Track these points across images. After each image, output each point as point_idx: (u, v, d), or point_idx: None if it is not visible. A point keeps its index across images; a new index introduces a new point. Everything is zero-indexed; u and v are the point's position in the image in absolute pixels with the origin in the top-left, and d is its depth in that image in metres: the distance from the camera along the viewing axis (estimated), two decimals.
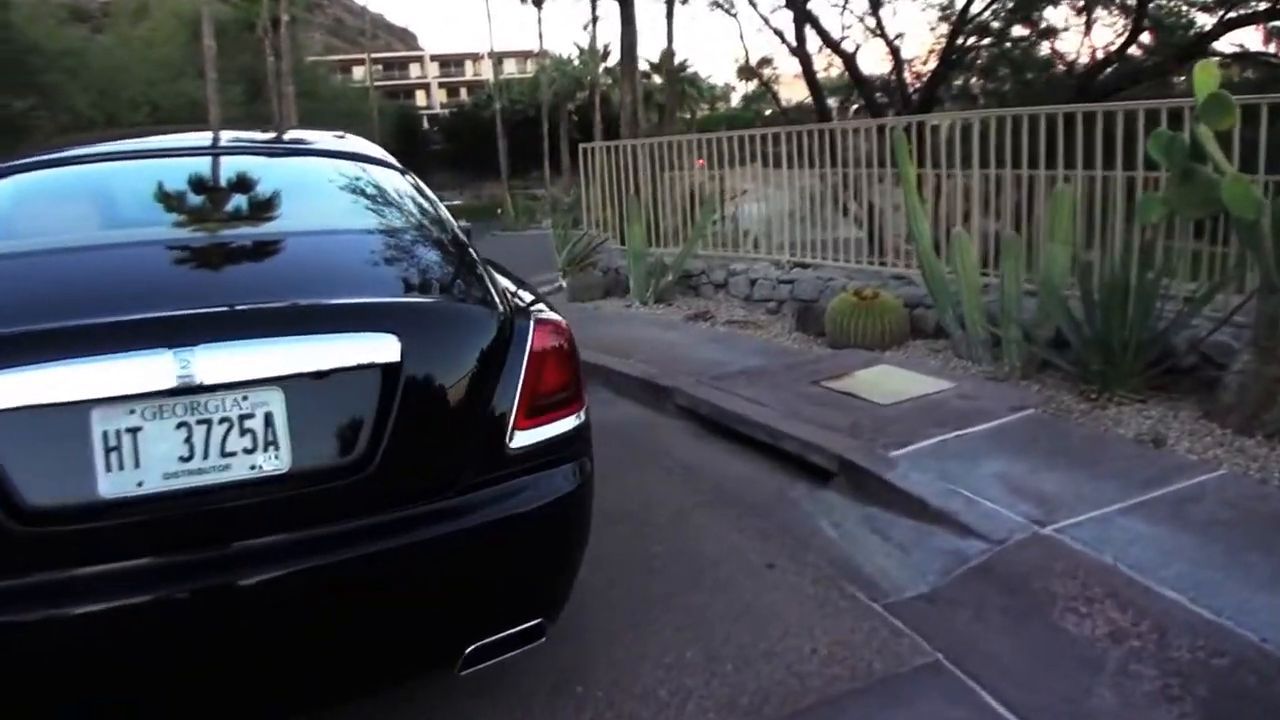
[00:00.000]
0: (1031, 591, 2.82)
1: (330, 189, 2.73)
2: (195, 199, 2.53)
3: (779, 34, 13.73)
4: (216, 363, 1.71)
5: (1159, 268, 4.38)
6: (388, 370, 1.86)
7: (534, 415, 2.07)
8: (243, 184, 2.63)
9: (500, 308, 2.12)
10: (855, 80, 13.75)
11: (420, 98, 70.00)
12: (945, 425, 4.16)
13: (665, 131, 17.37)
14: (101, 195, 2.51)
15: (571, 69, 49.41)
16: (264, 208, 2.53)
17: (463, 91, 67.68)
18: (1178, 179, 3.98)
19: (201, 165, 2.76)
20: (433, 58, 73.57)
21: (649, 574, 3.20)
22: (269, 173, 2.76)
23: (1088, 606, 2.68)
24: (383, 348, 1.85)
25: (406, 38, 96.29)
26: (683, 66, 47.10)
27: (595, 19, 36.70)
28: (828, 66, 15.42)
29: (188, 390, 1.70)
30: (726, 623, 2.84)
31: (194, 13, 36.00)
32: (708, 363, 5.76)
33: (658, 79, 33.41)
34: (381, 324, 1.87)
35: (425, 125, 62.78)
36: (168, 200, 2.49)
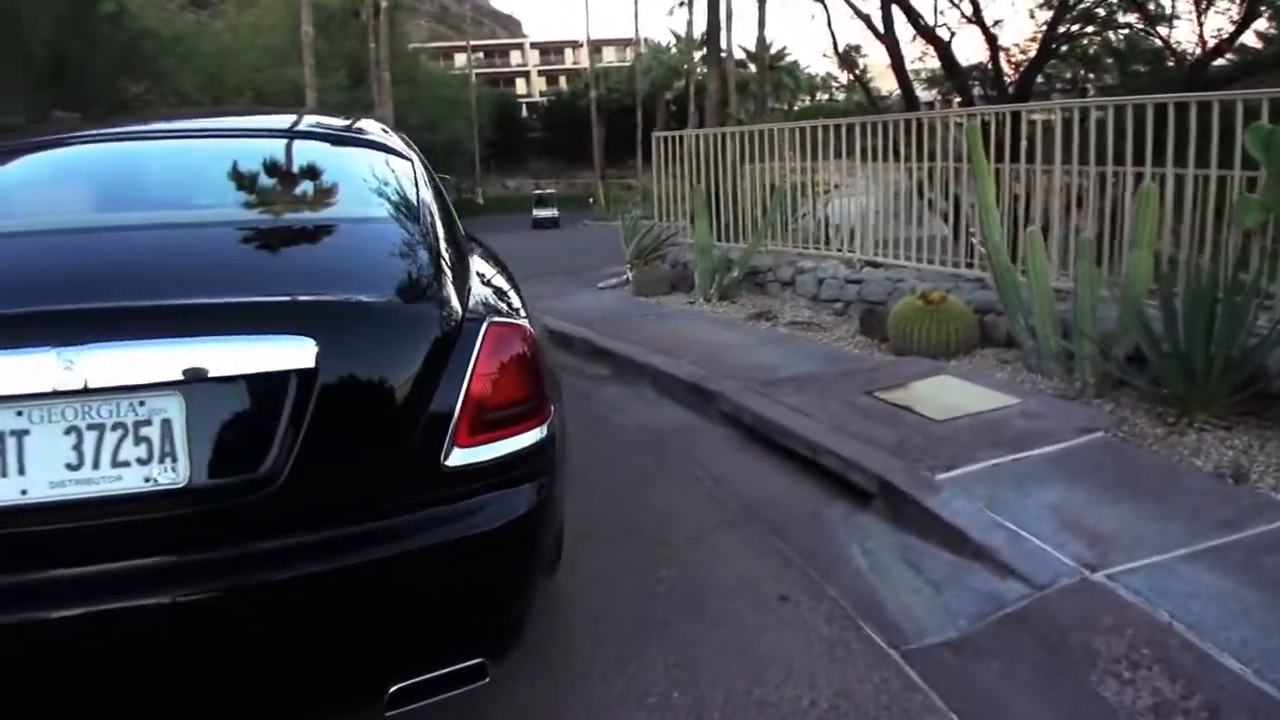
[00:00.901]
0: (1070, 648, 2.49)
1: (302, 175, 2.56)
2: (139, 184, 2.39)
3: (866, 20, 13.10)
4: (106, 364, 1.56)
5: (1252, 278, 3.92)
6: (302, 377, 1.67)
7: (480, 431, 1.85)
8: (198, 169, 2.48)
9: (448, 309, 1.90)
10: (948, 69, 13.07)
11: (520, 85, 70.69)
12: (1002, 446, 3.81)
13: (756, 122, 16.96)
14: (33, 180, 2.39)
15: (668, 57, 49.10)
16: (210, 195, 2.38)
17: (562, 80, 68.12)
18: (1278, 178, 3.54)
19: (164, 149, 2.62)
20: (533, 45, 74.20)
21: (650, 599, 2.96)
22: (238, 157, 2.61)
23: (1132, 671, 2.34)
24: (295, 352, 1.66)
25: (511, 24, 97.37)
26: (780, 56, 46.21)
27: (689, 1, 36.13)
28: (922, 55, 14.76)
29: (73, 393, 1.55)
30: (723, 662, 2.59)
31: None
32: (760, 366, 5.48)
33: (754, 68, 32.77)
34: (295, 325, 1.68)
35: (524, 113, 63.34)
36: (104, 185, 2.36)
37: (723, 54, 19.52)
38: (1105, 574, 2.76)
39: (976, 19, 12.87)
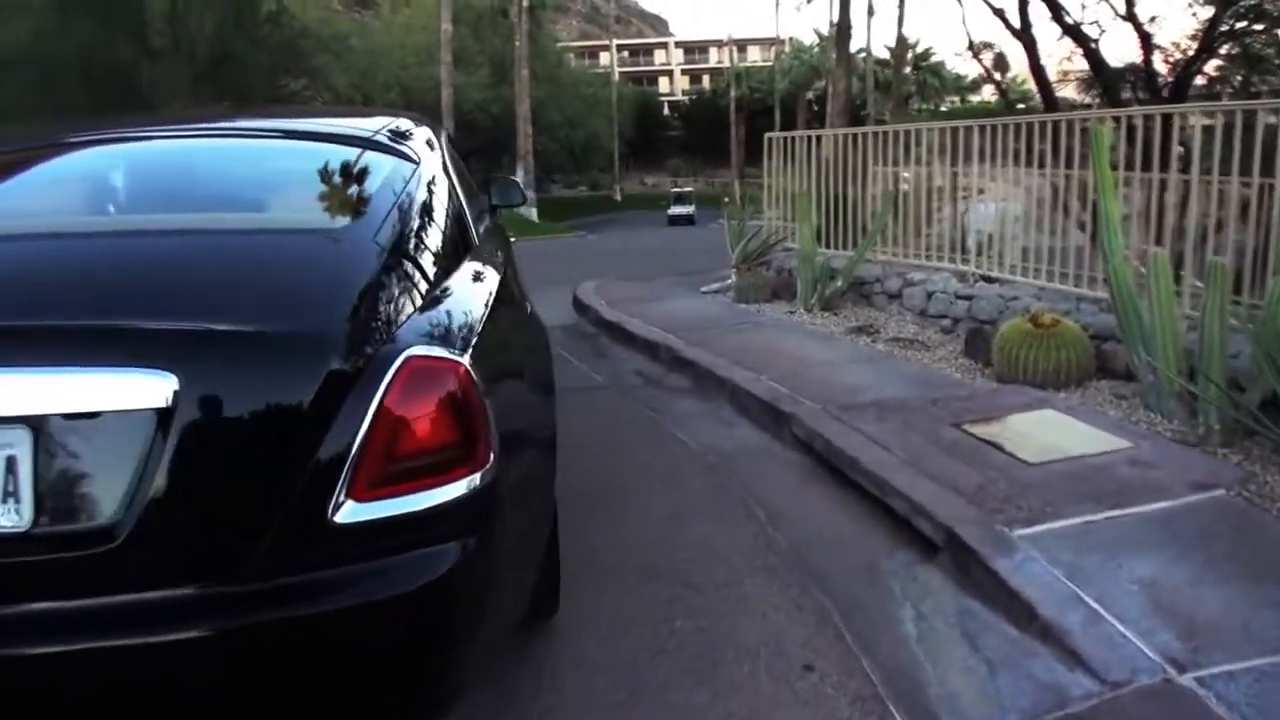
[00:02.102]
0: None
1: (250, 180, 2.38)
2: (57, 189, 2.24)
3: (1000, 15, 12.14)
4: None
5: None
6: (159, 416, 1.44)
7: (386, 482, 1.57)
8: (137, 171, 2.31)
9: (351, 339, 1.63)
10: (1095, 69, 11.99)
11: (664, 84, 70.87)
12: (1099, 500, 3.29)
13: (894, 122, 16.19)
14: None
15: (809, 56, 48.08)
16: (131, 199, 2.19)
17: (705, 79, 67.93)
18: None
19: (113, 152, 2.48)
20: (677, 44, 74.33)
21: (656, 654, 2.63)
22: (189, 159, 2.44)
23: None
24: (151, 388, 1.44)
25: (658, 24, 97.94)
26: (925, 55, 44.49)
27: None
28: (1070, 55, 13.66)
29: None
30: None
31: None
32: (846, 387, 5.04)
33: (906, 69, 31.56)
34: (153, 357, 1.46)
35: (665, 111, 63.38)
36: (15, 190, 2.21)
37: (862, 54, 18.77)
38: (1195, 676, 2.27)
39: (1129, 15, 11.78)
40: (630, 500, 3.86)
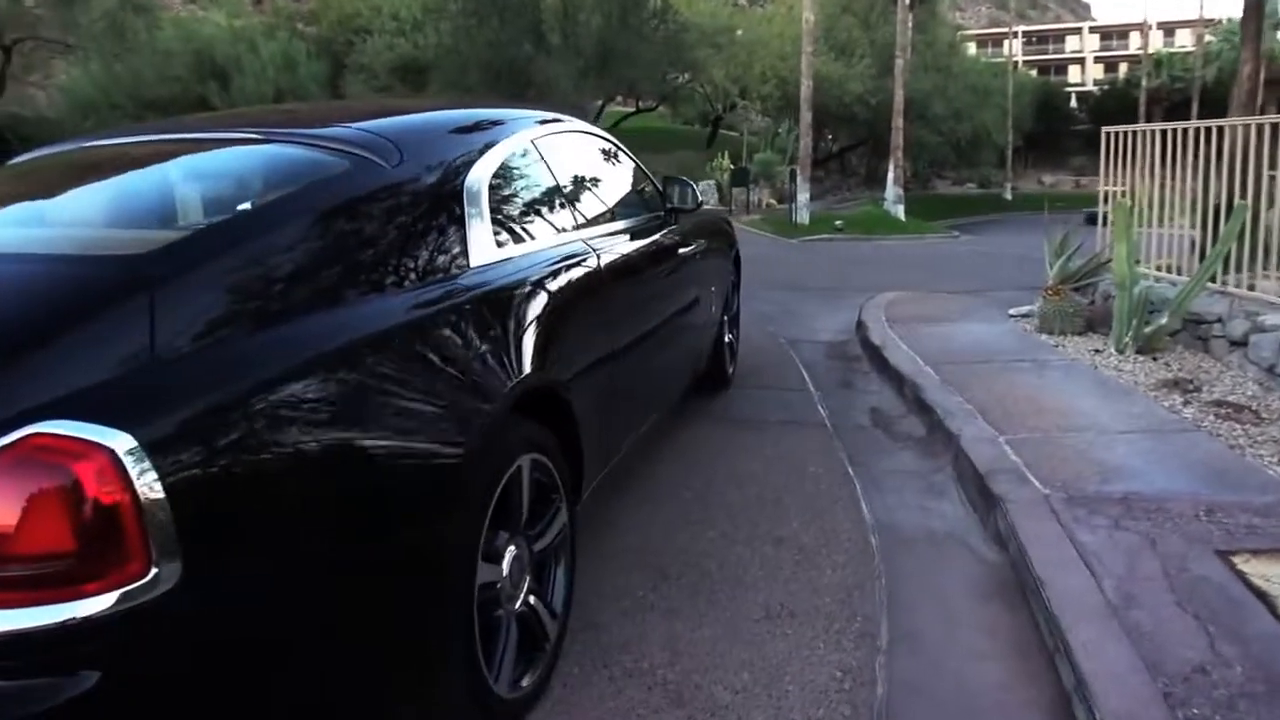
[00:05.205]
0: None
1: (162, 193, 2.26)
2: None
3: None
4: None
5: None
6: None
7: None
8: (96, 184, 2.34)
9: None
10: None
11: (1074, 73, 64.45)
12: None
13: None
14: None
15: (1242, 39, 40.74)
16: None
17: (1122, 67, 60.70)
18: None
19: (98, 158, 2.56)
20: (1092, 29, 67.16)
21: None
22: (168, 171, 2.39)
23: None
24: None
25: (1078, 9, 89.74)
26: None
27: None
28: None
29: None
30: None
31: None
32: (1099, 466, 3.78)
33: None
34: None
35: (1071, 103, 57.38)
36: None
37: None
38: None
39: None
40: (732, 586, 3.08)
